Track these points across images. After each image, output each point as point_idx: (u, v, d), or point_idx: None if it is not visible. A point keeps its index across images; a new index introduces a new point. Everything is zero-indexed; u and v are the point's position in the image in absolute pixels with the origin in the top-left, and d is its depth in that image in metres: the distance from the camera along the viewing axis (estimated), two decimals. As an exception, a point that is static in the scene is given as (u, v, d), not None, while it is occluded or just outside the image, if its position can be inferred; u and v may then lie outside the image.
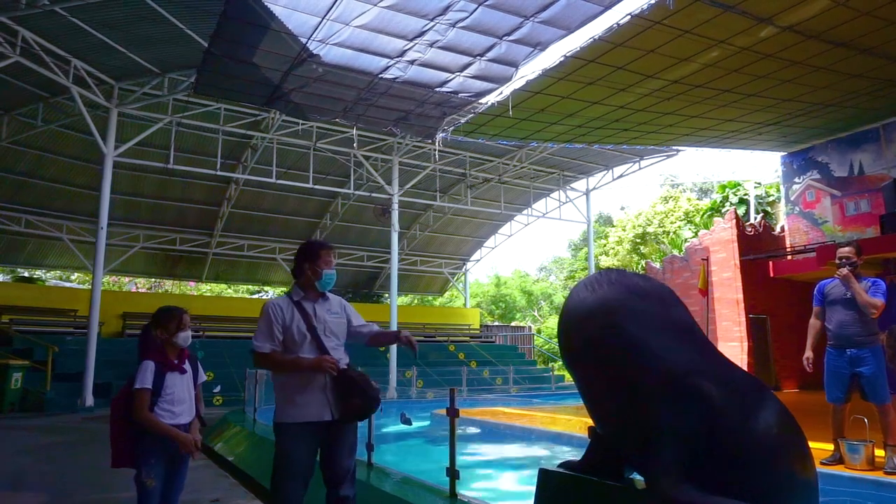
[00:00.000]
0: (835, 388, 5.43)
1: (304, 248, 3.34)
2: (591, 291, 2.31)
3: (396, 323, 16.50)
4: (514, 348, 24.25)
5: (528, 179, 19.77)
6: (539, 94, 10.53)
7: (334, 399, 3.08)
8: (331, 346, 3.16)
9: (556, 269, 37.77)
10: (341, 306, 3.44)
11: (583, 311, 2.30)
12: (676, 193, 25.72)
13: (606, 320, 2.21)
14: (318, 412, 3.06)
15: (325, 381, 3.06)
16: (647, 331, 2.18)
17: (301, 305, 3.20)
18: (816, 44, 9.42)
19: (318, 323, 3.20)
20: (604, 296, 2.29)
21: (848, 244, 5.65)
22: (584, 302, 2.31)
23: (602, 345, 2.22)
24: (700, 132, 13.95)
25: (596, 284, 2.32)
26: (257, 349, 3.09)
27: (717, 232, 17.56)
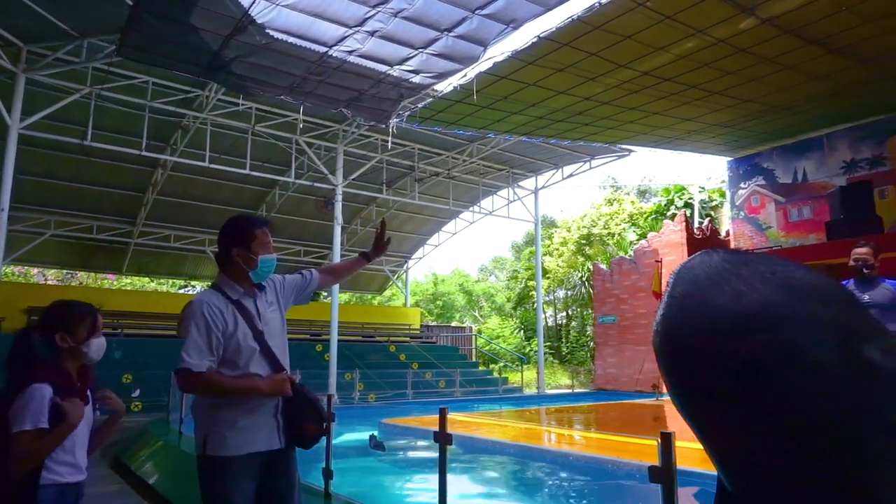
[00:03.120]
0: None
1: (231, 227, 2.58)
2: (734, 292, 1.50)
3: (337, 323, 15.48)
4: (455, 349, 23.60)
5: (478, 175, 19.15)
6: (504, 80, 9.85)
7: (285, 423, 2.48)
8: (278, 353, 2.50)
9: (496, 270, 37.47)
10: (275, 291, 2.65)
11: (726, 324, 1.46)
12: (621, 196, 25.80)
13: (774, 336, 1.39)
14: (268, 439, 2.42)
15: (276, 400, 2.45)
16: (847, 352, 1.39)
17: (242, 306, 2.46)
18: (791, 40, 9.17)
19: (265, 325, 2.46)
20: (762, 300, 1.47)
21: (865, 244, 5.19)
22: (723, 309, 1.48)
23: (769, 376, 1.40)
24: (657, 131, 13.68)
25: (739, 280, 1.51)
26: (191, 367, 2.26)
27: (667, 234, 17.50)
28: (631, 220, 23.68)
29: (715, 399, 1.60)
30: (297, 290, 2.77)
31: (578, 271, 22.52)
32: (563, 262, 23.50)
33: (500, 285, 35.48)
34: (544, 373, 19.57)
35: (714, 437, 1.64)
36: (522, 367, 21.09)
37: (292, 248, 21.79)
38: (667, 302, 1.60)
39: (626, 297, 18.18)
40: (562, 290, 27.41)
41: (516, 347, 25.28)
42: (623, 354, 18.01)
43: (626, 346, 17.97)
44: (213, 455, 2.32)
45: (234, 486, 2.32)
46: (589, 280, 22.05)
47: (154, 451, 6.95)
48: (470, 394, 16.77)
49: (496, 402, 14.77)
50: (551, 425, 9.89)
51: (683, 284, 1.67)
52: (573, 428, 9.54)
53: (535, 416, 11.75)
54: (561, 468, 6.53)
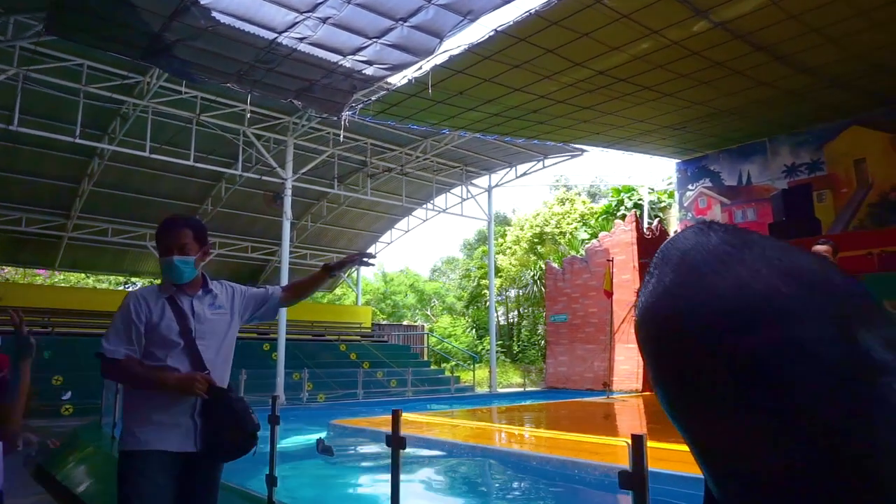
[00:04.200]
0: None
1: (158, 227, 2.55)
2: (737, 281, 1.34)
3: (285, 321, 15.03)
4: (407, 348, 23.36)
5: (431, 172, 18.95)
6: (460, 74, 9.69)
7: (203, 427, 2.37)
8: (209, 357, 2.42)
9: (448, 270, 37.38)
10: (230, 298, 2.58)
11: (727, 317, 1.29)
12: (572, 196, 26.06)
13: (781, 332, 1.23)
14: (181, 441, 2.34)
15: (194, 400, 2.36)
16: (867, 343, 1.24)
17: (175, 302, 2.45)
18: (741, 45, 9.33)
19: (199, 324, 2.43)
20: (769, 290, 1.31)
21: (825, 242, 5.25)
22: (724, 300, 1.31)
23: (775, 372, 1.25)
24: (611, 131, 13.79)
25: (742, 267, 1.36)
26: (107, 353, 2.32)
27: (618, 234, 17.70)
28: (582, 219, 23.94)
29: (709, 398, 1.36)
30: (255, 304, 2.68)
31: (531, 270, 22.61)
32: (516, 261, 23.55)
33: (451, 285, 35.41)
34: (496, 371, 19.54)
35: (704, 437, 1.40)
36: (475, 365, 21.03)
37: (240, 244, 21.12)
38: (655, 287, 1.32)
39: (578, 296, 18.32)
40: (514, 289, 27.53)
41: (468, 346, 25.23)
42: (574, 353, 18.14)
43: (578, 344, 18.11)
44: (125, 450, 2.31)
45: (143, 481, 2.26)
46: (541, 279, 22.17)
47: (83, 457, 6.48)
48: (422, 393, 16.58)
49: (449, 402, 14.61)
50: (508, 425, 9.79)
51: (676, 268, 1.40)
52: (531, 427, 9.46)
53: (492, 415, 11.65)
54: (520, 470, 6.40)
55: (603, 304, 17.37)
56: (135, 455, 2.29)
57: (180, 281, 2.46)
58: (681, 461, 5.54)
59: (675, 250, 1.52)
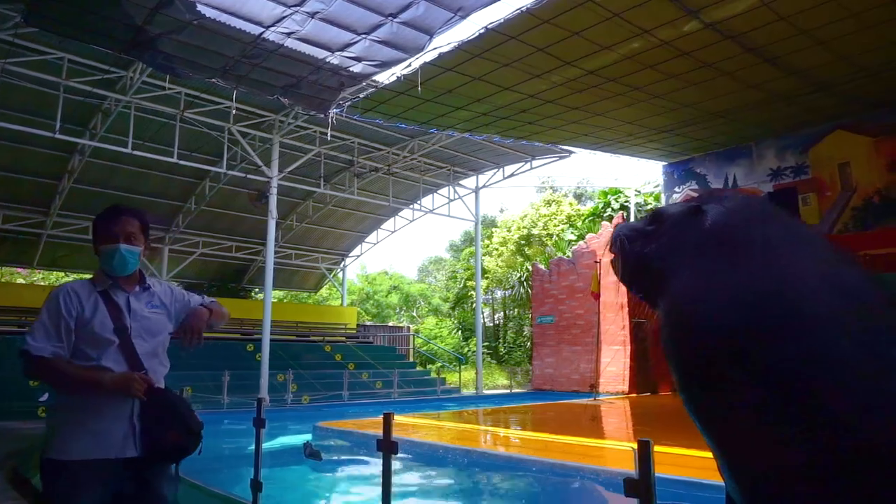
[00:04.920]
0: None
1: (99, 215, 2.40)
2: (782, 278, 1.24)
3: (269, 321, 14.81)
4: (392, 349, 23.19)
5: (419, 173, 18.82)
6: (450, 72, 9.59)
7: (143, 430, 2.22)
8: (146, 356, 2.28)
9: (434, 270, 37.23)
10: (168, 298, 2.43)
11: (767, 318, 1.20)
12: (559, 197, 26.05)
13: (822, 344, 1.14)
14: (120, 446, 2.18)
15: (132, 402, 2.21)
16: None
17: (109, 297, 2.29)
18: (731, 46, 9.33)
19: (134, 322, 2.28)
20: (811, 295, 1.23)
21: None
22: (768, 299, 1.22)
23: (813, 383, 1.15)
24: (599, 132, 13.77)
25: (789, 267, 1.25)
26: (32, 350, 2.14)
27: (605, 236, 17.69)
28: (569, 221, 23.92)
29: (739, 401, 1.23)
30: (187, 311, 2.48)
31: (517, 271, 22.54)
32: (503, 263, 23.47)
33: (437, 286, 35.26)
34: (482, 373, 19.46)
35: (731, 439, 1.27)
36: (461, 367, 20.93)
37: (224, 243, 20.83)
38: (696, 277, 1.15)
39: (565, 298, 18.30)
40: (500, 291, 27.45)
41: (454, 348, 25.12)
42: (561, 354, 18.10)
43: (564, 345, 18.08)
44: (53, 458, 2.13)
45: (75, 494, 2.09)
46: (528, 280, 22.12)
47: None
48: (408, 395, 16.44)
49: (436, 404, 14.49)
50: (502, 427, 9.68)
51: (718, 257, 1.24)
52: (520, 429, 9.37)
53: (483, 417, 11.54)
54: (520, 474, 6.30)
55: (590, 305, 17.35)
56: (68, 467, 2.10)
57: (123, 272, 2.30)
58: (676, 465, 5.48)
59: (721, 236, 1.33)
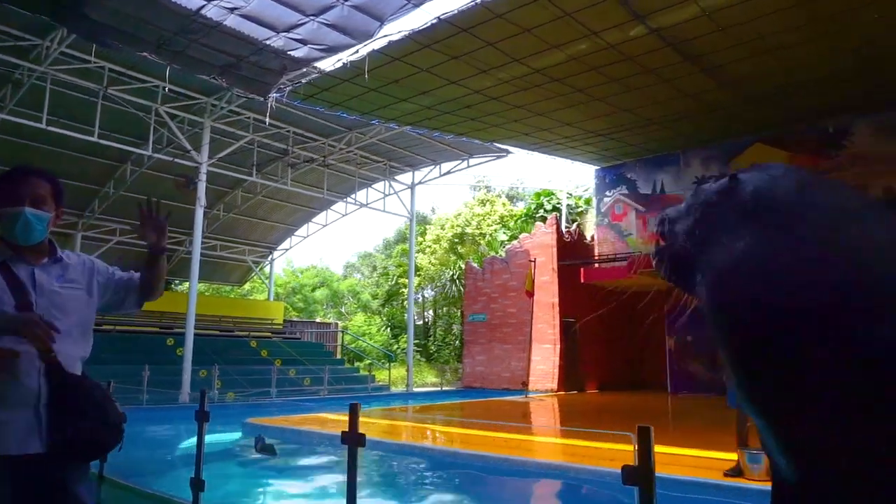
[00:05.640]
0: (738, 393, 5.08)
1: (3, 176, 2.06)
2: (858, 251, 1.18)
3: (194, 315, 14.10)
4: (320, 346, 22.67)
5: (354, 166, 18.47)
6: (397, 62, 9.40)
7: (52, 421, 1.86)
8: (57, 337, 1.87)
9: (363, 266, 36.76)
10: (86, 272, 2.10)
11: (846, 298, 1.14)
12: (493, 197, 26.28)
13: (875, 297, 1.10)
14: (21, 440, 1.82)
15: (38, 388, 1.86)
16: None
17: (9, 269, 1.94)
18: (672, 53, 9.62)
19: (41, 297, 1.94)
20: (871, 246, 1.19)
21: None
22: (845, 277, 1.15)
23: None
24: (538, 133, 13.94)
25: (864, 238, 1.19)
26: None
27: (538, 236, 17.97)
28: (502, 221, 24.17)
29: (812, 385, 1.11)
30: (117, 288, 2.17)
31: (450, 270, 22.56)
32: (436, 260, 23.43)
33: (366, 282, 34.84)
34: (412, 371, 19.33)
35: (796, 424, 1.15)
36: (390, 364, 20.71)
37: (143, 231, 19.69)
38: (751, 248, 1.07)
39: (497, 296, 18.44)
40: (430, 289, 27.40)
41: (383, 345, 24.86)
42: (492, 352, 18.23)
43: (495, 344, 18.22)
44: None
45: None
46: (460, 278, 22.17)
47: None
48: (337, 392, 16.08)
49: (367, 401, 14.22)
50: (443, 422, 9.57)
51: (779, 229, 1.15)
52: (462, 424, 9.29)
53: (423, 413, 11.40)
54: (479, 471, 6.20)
55: (522, 304, 17.56)
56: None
57: (27, 240, 1.98)
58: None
59: (773, 202, 1.21)
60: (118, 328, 16.22)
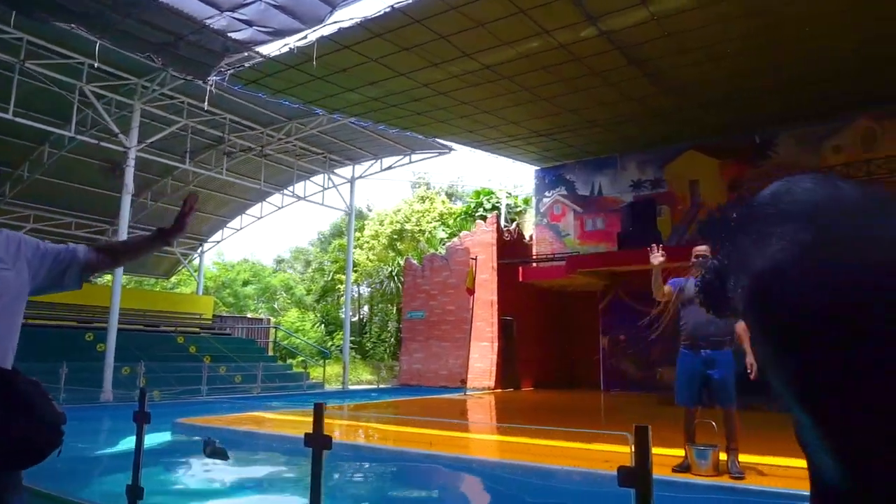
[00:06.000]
0: (687, 389, 5.17)
1: None
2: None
3: (118, 308, 13.28)
4: (252, 342, 21.92)
5: (293, 157, 17.92)
6: (347, 50, 9.12)
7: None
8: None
9: (295, 261, 35.86)
10: (12, 250, 1.81)
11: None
12: (433, 194, 26.18)
13: None
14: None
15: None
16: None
17: None
18: (619, 57, 9.78)
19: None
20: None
21: (704, 242, 5.51)
22: None
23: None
24: (484, 130, 13.94)
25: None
26: None
27: (479, 234, 17.99)
28: (441, 219, 24.13)
29: (868, 383, 1.01)
30: (52, 265, 1.89)
31: (389, 266, 22.30)
32: (374, 256, 23.11)
33: (299, 277, 34.03)
34: (348, 369, 18.98)
35: (850, 422, 1.04)
36: (325, 362, 20.27)
37: (61, 219, 18.45)
38: (790, 248, 0.97)
39: (437, 294, 18.34)
40: (366, 285, 27.02)
41: (317, 342, 24.32)
42: (430, 350, 18.12)
43: (433, 341, 18.12)
44: None
45: None
46: (399, 275, 21.96)
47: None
48: (271, 390, 15.56)
49: (303, 399, 13.80)
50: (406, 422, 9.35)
51: (817, 226, 1.06)
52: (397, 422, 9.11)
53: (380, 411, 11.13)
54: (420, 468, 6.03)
55: (461, 301, 17.54)
56: None
57: None
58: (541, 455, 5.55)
59: (801, 202, 1.11)
60: (31, 322, 15.10)
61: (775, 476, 5.07)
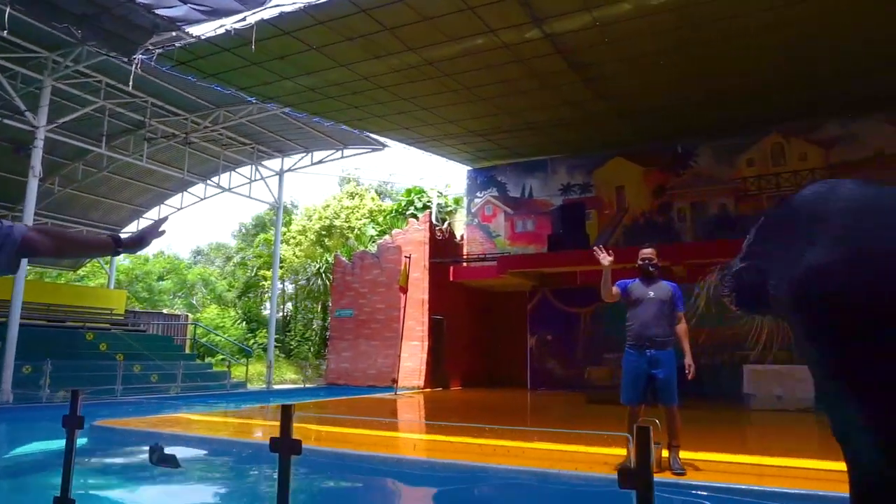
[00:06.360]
0: (633, 388, 5.27)
1: None
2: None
3: (20, 303, 12.24)
4: (169, 339, 20.79)
5: (220, 146, 17.13)
6: (287, 36, 8.77)
7: None
8: None
9: (216, 255, 34.41)
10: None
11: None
12: (362, 191, 25.77)
13: None
14: None
15: None
16: None
17: None
18: (560, 60, 9.92)
19: None
20: None
21: (649, 245, 5.65)
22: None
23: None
24: (420, 128, 13.83)
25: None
26: None
27: (411, 233, 17.86)
28: (371, 216, 23.79)
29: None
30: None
31: (317, 262, 21.72)
32: (301, 252, 22.47)
33: (218, 271, 32.67)
34: (272, 368, 18.38)
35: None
36: (248, 360, 19.52)
37: (-47, 202, 16.85)
38: (830, 250, 0.96)
39: (366, 292, 18.06)
40: (291, 282, 26.26)
41: (239, 339, 23.41)
42: (358, 349, 17.82)
43: (362, 340, 17.83)
44: None
45: None
46: (327, 272, 21.45)
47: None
48: (191, 390, 14.80)
49: (226, 399, 13.22)
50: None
51: (861, 226, 1.05)
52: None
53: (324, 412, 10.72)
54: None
55: (391, 300, 17.36)
56: None
57: None
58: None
59: (840, 203, 1.07)
60: (-84, 315, 13.68)
61: (711, 471, 5.25)
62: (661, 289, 5.35)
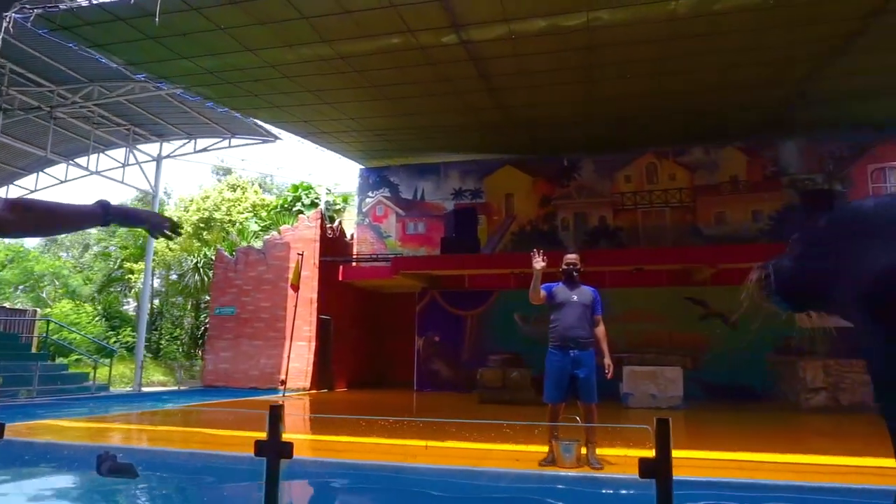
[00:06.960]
0: (556, 387, 5.48)
1: None
2: None
3: None
4: (15, 337, 18.50)
5: (90, 125, 15.54)
6: (195, 12, 8.19)
7: None
8: None
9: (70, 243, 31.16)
10: None
11: None
12: (245, 183, 24.53)
13: None
14: None
15: None
16: None
17: None
18: (471, 67, 10.13)
19: None
20: None
21: (574, 251, 5.91)
22: None
23: None
24: (320, 122, 13.50)
25: None
26: None
27: (301, 230, 17.32)
28: (254, 210, 22.74)
29: None
30: None
31: (194, 257, 20.36)
32: (177, 246, 20.94)
33: (72, 263, 29.61)
34: (141, 369, 16.99)
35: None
36: (112, 361, 17.88)
37: None
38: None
39: (250, 289, 17.24)
40: (158, 276, 24.40)
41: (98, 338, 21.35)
42: (239, 349, 16.95)
43: (244, 340, 16.99)
44: None
45: None
46: (205, 267, 20.17)
47: None
48: (46, 393, 13.28)
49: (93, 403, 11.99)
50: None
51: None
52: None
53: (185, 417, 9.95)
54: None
55: (276, 298, 16.73)
56: None
57: None
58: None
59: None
60: None
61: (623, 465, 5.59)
62: (584, 293, 5.63)
